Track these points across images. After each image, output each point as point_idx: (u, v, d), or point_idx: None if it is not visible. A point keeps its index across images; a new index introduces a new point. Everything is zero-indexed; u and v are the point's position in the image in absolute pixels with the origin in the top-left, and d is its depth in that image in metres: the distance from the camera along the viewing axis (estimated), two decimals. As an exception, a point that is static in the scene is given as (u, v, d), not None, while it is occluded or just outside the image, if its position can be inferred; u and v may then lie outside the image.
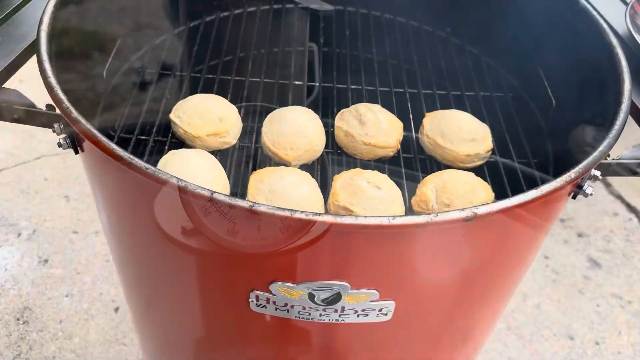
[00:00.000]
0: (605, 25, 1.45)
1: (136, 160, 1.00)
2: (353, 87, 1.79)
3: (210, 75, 1.77)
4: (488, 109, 1.74)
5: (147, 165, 1.00)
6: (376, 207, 1.34)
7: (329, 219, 0.95)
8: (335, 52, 1.99)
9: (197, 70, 1.84)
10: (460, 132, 1.53)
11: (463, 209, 0.98)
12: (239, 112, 1.65)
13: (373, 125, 1.52)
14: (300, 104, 1.68)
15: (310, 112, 1.58)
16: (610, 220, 3.80)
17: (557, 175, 1.04)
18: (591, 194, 1.18)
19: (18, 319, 2.90)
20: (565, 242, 3.61)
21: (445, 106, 1.72)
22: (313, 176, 1.50)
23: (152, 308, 1.64)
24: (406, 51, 1.93)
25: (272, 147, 1.50)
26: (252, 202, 0.96)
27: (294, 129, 1.49)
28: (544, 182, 1.02)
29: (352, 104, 1.67)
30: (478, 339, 1.70)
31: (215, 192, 0.96)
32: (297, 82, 1.79)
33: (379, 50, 1.94)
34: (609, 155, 1.29)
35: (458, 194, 1.37)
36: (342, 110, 1.62)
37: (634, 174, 1.38)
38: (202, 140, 1.50)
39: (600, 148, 1.10)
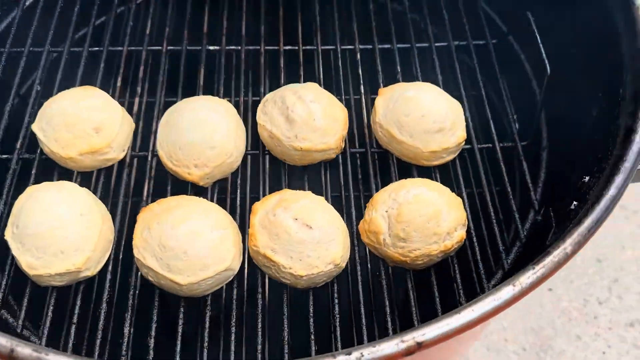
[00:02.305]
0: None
1: None
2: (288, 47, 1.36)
3: (96, 48, 1.33)
4: (464, 67, 1.32)
5: None
6: (307, 255, 0.99)
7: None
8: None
9: (79, 39, 1.39)
10: (422, 121, 1.13)
11: (402, 339, 0.63)
12: (134, 107, 1.25)
13: (304, 124, 1.12)
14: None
15: (220, 103, 1.17)
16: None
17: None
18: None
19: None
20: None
21: (408, 72, 1.30)
22: (231, 195, 1.14)
23: None
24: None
25: (171, 165, 1.12)
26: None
27: (195, 137, 1.09)
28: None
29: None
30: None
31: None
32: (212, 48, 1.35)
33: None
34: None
35: (417, 224, 1.01)
36: (265, 97, 1.21)
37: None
38: (74, 161, 1.11)
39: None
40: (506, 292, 0.68)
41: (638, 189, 3.26)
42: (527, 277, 0.69)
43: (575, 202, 0.93)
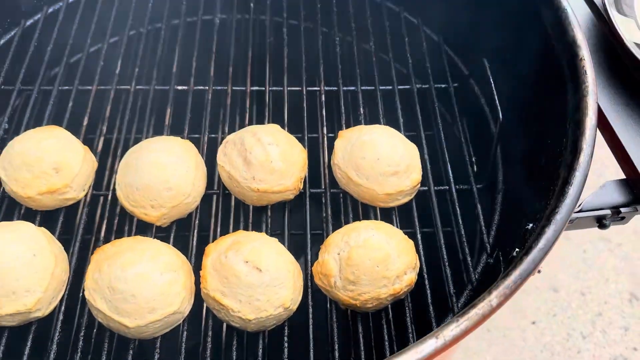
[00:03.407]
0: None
1: None
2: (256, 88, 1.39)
3: (66, 87, 1.36)
4: (424, 108, 1.35)
5: None
6: (256, 299, 1.00)
7: None
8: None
9: (50, 79, 1.42)
10: (377, 164, 1.15)
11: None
12: (99, 145, 1.27)
13: (261, 167, 1.14)
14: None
15: (181, 143, 1.19)
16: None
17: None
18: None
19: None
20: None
21: (371, 113, 1.32)
22: (187, 233, 1.16)
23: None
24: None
25: (128, 206, 1.13)
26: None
27: (151, 179, 1.11)
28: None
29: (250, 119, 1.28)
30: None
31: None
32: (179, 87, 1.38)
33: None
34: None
35: (366, 268, 1.02)
36: (226, 139, 1.23)
37: (601, 226, 1.02)
38: (34, 200, 1.13)
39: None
40: (429, 345, 0.69)
41: (617, 223, 3.21)
42: (450, 330, 0.70)
43: (517, 249, 0.94)
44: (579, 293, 2.92)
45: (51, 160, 1.13)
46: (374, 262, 1.03)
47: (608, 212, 0.98)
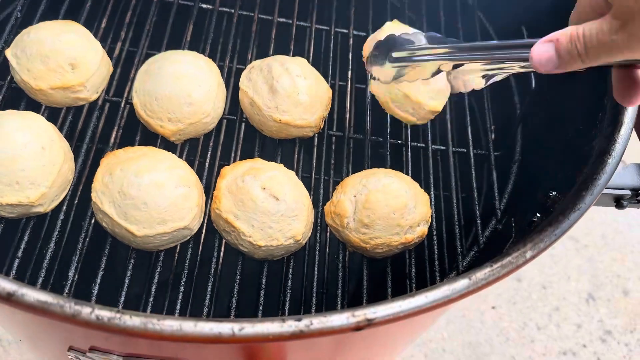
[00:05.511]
0: None
1: None
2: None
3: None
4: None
5: None
6: (269, 226, 0.98)
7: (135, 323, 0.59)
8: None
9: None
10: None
11: (353, 314, 0.63)
12: (115, 52, 1.21)
13: (287, 97, 1.10)
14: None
15: (205, 61, 1.14)
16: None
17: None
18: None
19: None
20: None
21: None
22: (200, 158, 1.12)
23: None
24: None
25: (144, 115, 1.09)
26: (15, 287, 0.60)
27: (174, 90, 1.06)
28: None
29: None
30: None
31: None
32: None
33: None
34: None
35: (382, 213, 1.01)
36: (251, 64, 1.19)
37: (618, 205, 1.04)
38: (45, 94, 1.07)
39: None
40: (461, 284, 0.68)
41: (591, 224, 3.31)
42: (483, 274, 0.70)
43: (538, 215, 0.94)
44: (541, 286, 3.00)
45: (69, 55, 1.07)
46: (391, 208, 1.01)
47: (628, 192, 1.00)
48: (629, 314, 2.83)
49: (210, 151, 1.14)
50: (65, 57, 1.06)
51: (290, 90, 1.10)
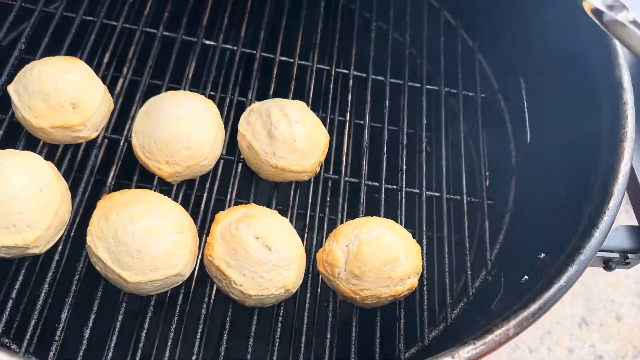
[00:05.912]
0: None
1: None
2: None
3: (89, 17, 1.29)
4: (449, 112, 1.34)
5: None
6: (260, 276, 0.99)
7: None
8: None
9: (73, 2, 1.34)
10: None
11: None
12: (115, 88, 1.22)
13: (285, 143, 1.11)
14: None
15: (205, 102, 1.16)
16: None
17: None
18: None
19: None
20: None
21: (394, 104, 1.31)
22: (197, 193, 1.13)
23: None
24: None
25: (142, 156, 1.10)
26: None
27: (172, 134, 1.08)
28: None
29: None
30: None
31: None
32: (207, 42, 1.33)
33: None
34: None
35: (373, 265, 1.03)
36: (251, 106, 1.20)
37: (607, 267, 1.05)
38: (45, 132, 1.08)
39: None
40: (444, 363, 0.70)
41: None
42: (466, 352, 0.71)
43: (526, 277, 0.95)
44: (533, 308, 2.99)
45: (71, 95, 1.08)
46: (383, 260, 1.03)
47: (616, 255, 1.01)
48: (622, 339, 2.84)
49: (207, 192, 1.15)
50: (67, 96, 1.08)
51: (288, 137, 1.12)
